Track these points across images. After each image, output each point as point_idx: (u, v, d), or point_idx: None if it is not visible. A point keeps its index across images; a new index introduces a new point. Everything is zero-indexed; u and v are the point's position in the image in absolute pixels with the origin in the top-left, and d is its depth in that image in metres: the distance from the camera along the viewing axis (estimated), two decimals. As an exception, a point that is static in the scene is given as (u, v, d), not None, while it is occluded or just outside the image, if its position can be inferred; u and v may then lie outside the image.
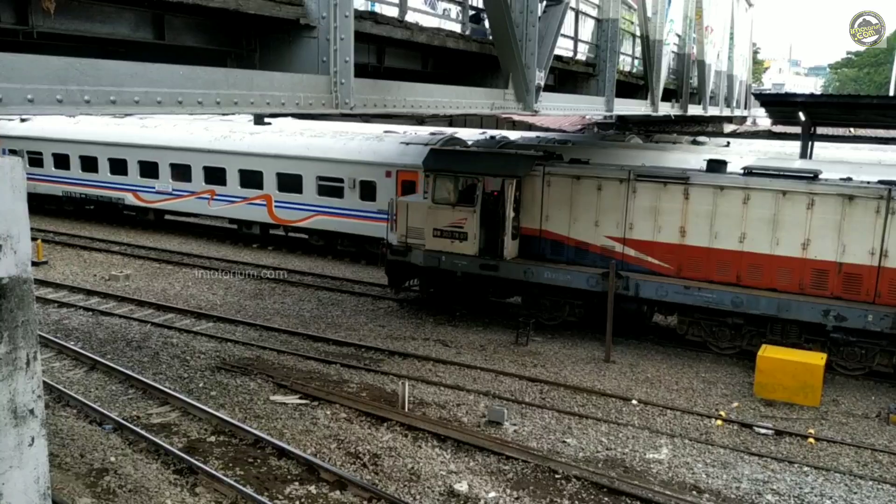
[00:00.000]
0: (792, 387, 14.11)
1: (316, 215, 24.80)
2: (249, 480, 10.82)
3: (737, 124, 36.39)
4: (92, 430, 12.34)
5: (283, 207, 25.32)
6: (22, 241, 5.85)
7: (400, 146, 23.76)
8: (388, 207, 19.62)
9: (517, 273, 17.56)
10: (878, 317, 14.64)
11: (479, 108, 11.71)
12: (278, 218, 25.61)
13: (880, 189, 14.91)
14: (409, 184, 22.70)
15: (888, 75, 56.72)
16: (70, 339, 16.59)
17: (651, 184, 16.64)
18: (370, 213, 23.56)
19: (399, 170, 22.99)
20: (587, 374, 15.49)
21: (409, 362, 15.93)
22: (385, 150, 23.84)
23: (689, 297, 16.12)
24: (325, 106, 7.77)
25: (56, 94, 5.38)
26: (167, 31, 7.32)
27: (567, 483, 11.02)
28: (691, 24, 22.92)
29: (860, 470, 11.79)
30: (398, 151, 23.54)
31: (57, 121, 28.96)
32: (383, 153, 23.70)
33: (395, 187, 22.96)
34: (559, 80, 16.16)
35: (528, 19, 11.44)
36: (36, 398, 6.08)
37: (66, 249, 25.89)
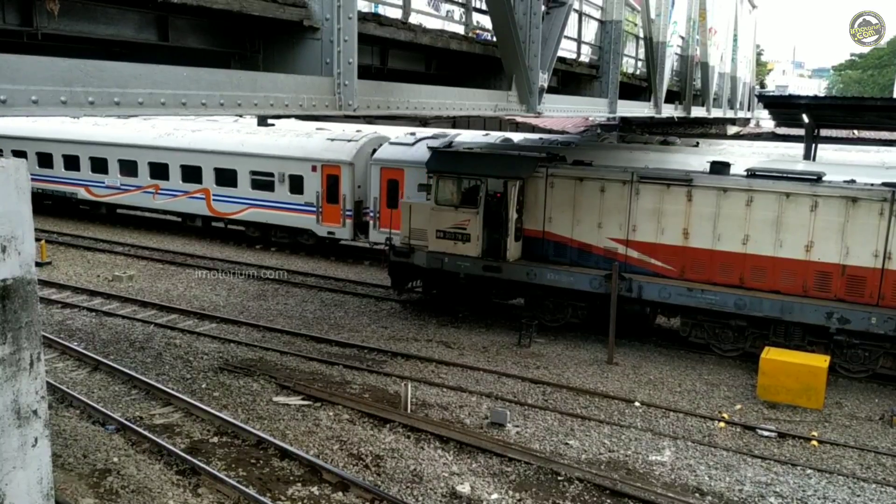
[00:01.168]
0: (795, 389, 14.09)
1: (250, 208, 26.34)
2: (252, 481, 10.83)
3: (740, 126, 36.35)
4: (95, 430, 12.36)
5: (221, 201, 26.85)
6: (26, 243, 5.87)
7: (326, 142, 25.29)
8: (315, 200, 22.30)
9: (520, 274, 17.56)
10: (882, 319, 14.62)
11: (482, 110, 11.70)
12: (216, 211, 27.12)
13: (884, 191, 14.88)
14: (334, 178, 24.42)
15: (892, 77, 56.69)
16: (73, 340, 16.62)
17: (654, 185, 16.64)
18: (298, 205, 25.22)
19: (324, 164, 24.60)
20: (590, 376, 15.48)
21: (411, 364, 15.93)
22: (312, 146, 25.36)
23: (692, 299, 16.10)
24: (329, 108, 7.77)
25: (60, 95, 5.38)
26: (171, 32, 7.32)
27: (569, 485, 11.01)
28: (695, 25, 22.90)
29: (863, 473, 11.77)
30: (323, 147, 25.08)
31: (15, 119, 29.41)
32: (310, 149, 25.22)
33: (321, 181, 24.64)
34: (562, 82, 16.15)
35: (532, 21, 11.43)
36: (39, 399, 6.10)
37: (70, 250, 25.95)
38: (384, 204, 23.76)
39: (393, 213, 22.67)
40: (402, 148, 23.88)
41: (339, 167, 24.38)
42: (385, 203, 23.72)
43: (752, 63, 38.67)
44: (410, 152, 23.51)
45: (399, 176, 23.43)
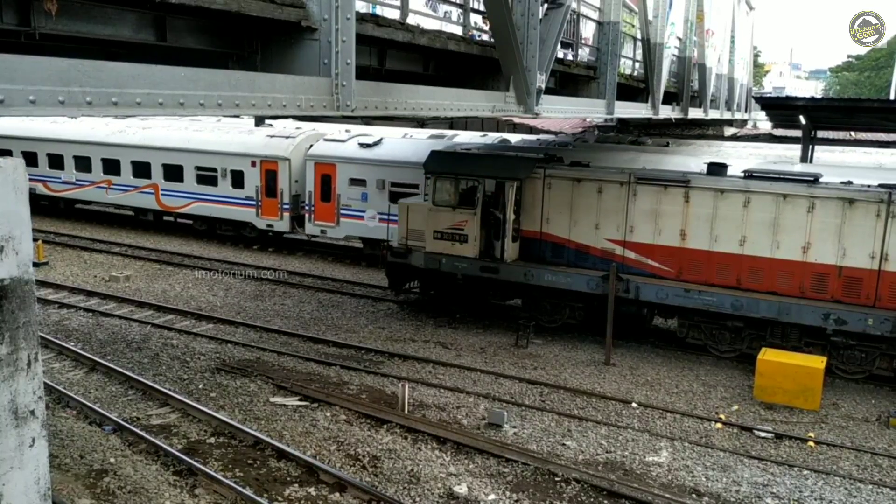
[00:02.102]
0: (792, 390, 14.11)
1: (196, 202, 27.42)
2: (249, 482, 10.82)
3: (737, 127, 36.41)
4: (92, 431, 12.35)
5: (169, 195, 27.92)
6: (24, 243, 5.87)
7: (265, 139, 26.31)
8: (255, 194, 24.62)
9: (517, 275, 17.57)
10: (879, 320, 14.65)
11: (480, 111, 11.71)
12: (164, 205, 28.18)
13: (880, 193, 14.91)
14: (272, 173, 25.44)
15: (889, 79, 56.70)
16: (70, 340, 16.60)
17: (651, 187, 16.65)
18: (240, 199, 26.46)
19: (262, 160, 25.70)
20: (587, 377, 15.49)
21: (409, 364, 15.93)
22: (252, 142, 26.43)
23: (690, 300, 16.12)
24: (327, 108, 7.78)
25: (58, 95, 5.38)
26: (169, 32, 7.32)
27: (567, 485, 11.02)
28: (692, 27, 22.93)
29: (860, 473, 11.79)
30: (262, 144, 26.11)
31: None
32: (250, 145, 26.28)
33: (260, 176, 25.73)
34: (560, 83, 16.17)
35: (530, 22, 11.45)
36: (37, 399, 6.09)
37: (67, 250, 25.91)
38: (318, 198, 24.88)
39: (326, 207, 24.67)
40: (335, 144, 25.05)
41: (276, 163, 25.38)
42: (319, 197, 24.87)
43: (749, 64, 38.76)
44: (342, 148, 24.68)
45: (332, 171, 24.53)
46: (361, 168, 24.09)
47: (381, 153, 24.11)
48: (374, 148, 24.35)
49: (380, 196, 23.66)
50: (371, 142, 24.58)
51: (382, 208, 22.64)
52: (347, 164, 24.14)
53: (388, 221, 21.40)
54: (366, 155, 24.20)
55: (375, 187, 23.84)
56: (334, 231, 25.00)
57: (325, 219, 24.88)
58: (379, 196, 23.68)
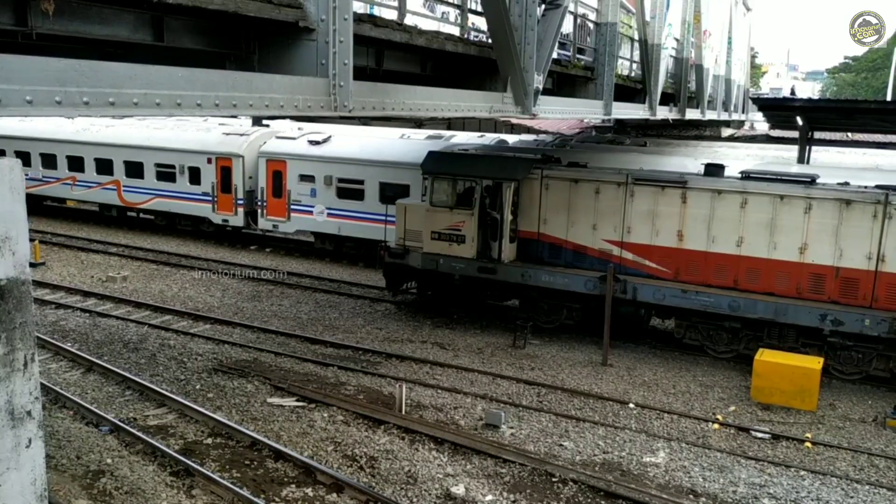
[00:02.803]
0: (789, 391, 14.13)
1: (156, 198, 28.34)
2: (246, 483, 10.81)
3: (735, 128, 36.42)
4: (88, 431, 12.33)
5: (130, 191, 28.93)
6: (20, 243, 5.86)
7: (221, 136, 27.10)
8: (211, 190, 25.84)
9: (515, 276, 17.57)
10: (875, 321, 14.67)
11: (477, 112, 11.71)
12: (126, 201, 29.18)
13: (877, 194, 14.94)
14: (227, 170, 26.29)
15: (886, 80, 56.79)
16: (67, 341, 16.57)
17: (649, 187, 16.67)
18: (197, 195, 27.31)
19: (218, 157, 26.51)
20: (584, 378, 15.50)
21: (406, 365, 15.93)
22: (208, 139, 27.19)
23: (687, 301, 16.13)
24: (324, 108, 7.78)
25: (55, 95, 5.37)
26: (166, 33, 7.31)
27: (564, 486, 11.02)
28: (689, 28, 22.93)
29: (857, 474, 11.81)
30: (218, 141, 26.94)
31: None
32: (206, 142, 27.07)
33: (216, 173, 26.51)
34: (558, 84, 16.18)
35: (527, 23, 11.45)
36: (33, 400, 6.08)
37: (64, 250, 25.88)
38: (270, 193, 25.69)
39: (278, 202, 25.49)
40: (286, 141, 25.88)
41: (230, 159, 26.23)
42: (271, 192, 25.68)
43: (746, 65, 38.75)
44: (293, 146, 25.50)
45: (282, 167, 25.37)
46: (310, 164, 24.92)
47: (329, 150, 24.96)
48: (322, 145, 25.19)
49: (327, 192, 24.66)
50: (320, 139, 25.40)
51: (330, 204, 24.35)
52: (297, 161, 25.03)
53: (336, 216, 24.01)
54: (314, 152, 25.02)
55: (323, 183, 24.72)
56: (285, 225, 25.81)
57: (277, 214, 25.72)
58: (327, 192, 24.69)
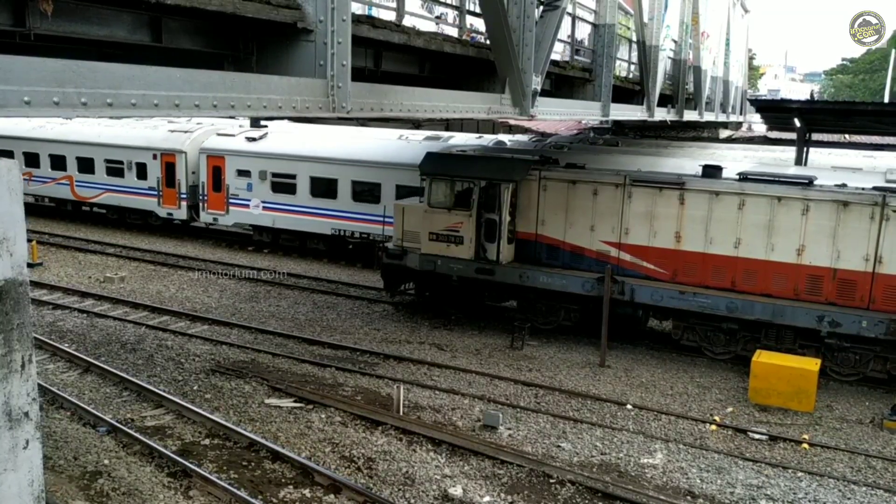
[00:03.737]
0: (786, 392, 14.14)
1: (106, 192, 29.58)
2: (244, 484, 10.81)
3: (732, 130, 36.47)
4: (86, 432, 12.31)
5: (82, 186, 30.05)
6: (18, 244, 5.85)
7: (166, 133, 28.26)
8: (157, 184, 27.32)
9: (513, 277, 17.57)
10: (873, 323, 14.68)
11: (475, 113, 11.71)
12: (79, 195, 30.31)
13: (875, 195, 14.96)
14: (171, 165, 27.59)
15: (883, 82, 56.89)
16: (64, 341, 16.55)
17: (647, 189, 16.68)
18: (143, 189, 28.55)
19: (162, 153, 27.80)
20: (582, 379, 15.50)
21: (404, 366, 15.92)
22: (154, 136, 28.40)
23: (685, 302, 16.15)
24: (322, 109, 7.77)
25: (53, 96, 5.37)
26: (164, 33, 7.30)
27: (561, 487, 11.03)
28: (688, 29, 22.95)
29: (854, 475, 11.82)
30: (163, 138, 28.16)
31: None
32: (152, 139, 28.32)
33: (161, 168, 27.82)
34: (556, 85, 16.18)
35: (525, 24, 11.44)
36: (31, 401, 6.07)
37: (61, 251, 25.85)
38: (210, 188, 26.95)
39: (217, 196, 26.78)
40: (225, 138, 27.09)
41: (174, 155, 27.51)
42: (211, 187, 26.94)
43: (744, 67, 38.79)
44: (231, 142, 26.75)
45: (221, 163, 26.63)
46: (247, 160, 26.19)
47: (264, 147, 26.17)
48: (258, 142, 26.38)
49: (263, 186, 25.93)
50: (257, 136, 26.57)
51: (265, 197, 25.74)
52: (235, 157, 26.33)
53: (271, 210, 25.50)
54: (251, 148, 26.26)
55: (259, 178, 25.96)
56: (224, 219, 27.02)
57: (217, 207, 26.99)
58: (262, 186, 25.95)
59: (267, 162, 25.77)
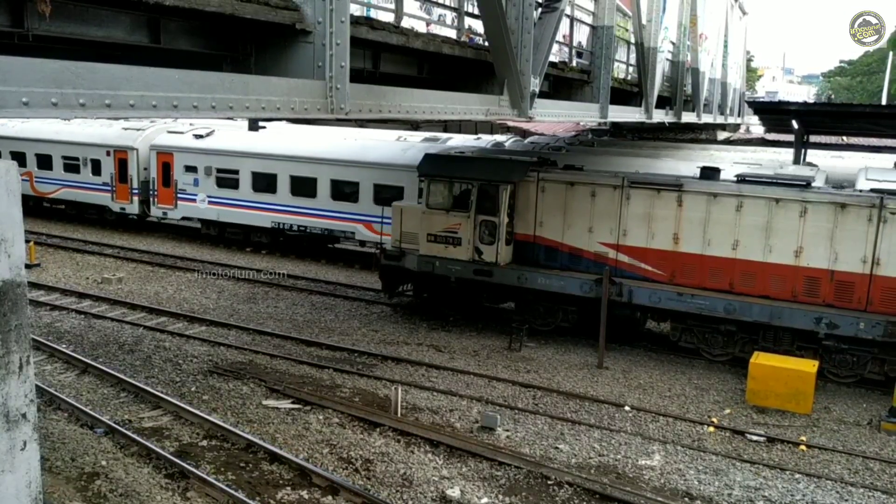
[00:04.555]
0: (784, 394, 14.15)
1: (63, 188, 30.55)
2: (241, 485, 10.79)
3: (730, 132, 36.50)
4: (83, 433, 12.30)
5: (41, 182, 30.97)
6: (16, 245, 5.84)
7: (119, 131, 29.04)
8: (110, 180, 28.71)
9: (511, 279, 17.57)
10: (870, 324, 14.70)
11: (474, 114, 11.72)
12: (38, 191, 31.03)
13: (872, 197, 14.98)
14: (124, 161, 28.57)
15: (881, 84, 56.99)
16: (62, 342, 16.53)
17: (645, 190, 16.69)
18: (98, 185, 29.51)
19: (115, 150, 28.76)
20: (580, 380, 15.50)
21: (402, 367, 15.92)
22: (108, 134, 29.18)
23: (682, 304, 16.16)
24: (321, 111, 7.77)
25: (51, 97, 5.36)
26: (163, 34, 7.30)
27: (559, 489, 11.03)
28: (686, 31, 22.98)
29: (851, 477, 11.83)
30: (116, 135, 28.99)
31: None
32: (106, 136, 29.13)
33: (114, 164, 28.84)
34: (554, 87, 16.19)
35: (524, 26, 11.45)
36: (28, 402, 6.06)
37: (59, 252, 25.81)
38: (160, 183, 28.12)
39: (167, 191, 27.93)
40: (174, 136, 28.18)
41: (126, 152, 28.49)
42: (161, 182, 28.12)
43: (742, 69, 38.82)
44: (180, 139, 27.86)
45: (170, 159, 27.76)
46: (194, 156, 27.30)
47: (210, 143, 27.27)
48: (205, 139, 27.48)
49: (208, 181, 27.06)
50: (204, 133, 27.67)
51: (211, 192, 26.94)
52: (183, 153, 27.47)
53: (216, 204, 26.77)
54: (198, 145, 27.37)
55: (204, 173, 27.10)
56: (173, 213, 28.17)
57: (166, 202, 28.09)
58: (207, 181, 27.08)
59: (212, 158, 26.95)
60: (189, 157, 27.33)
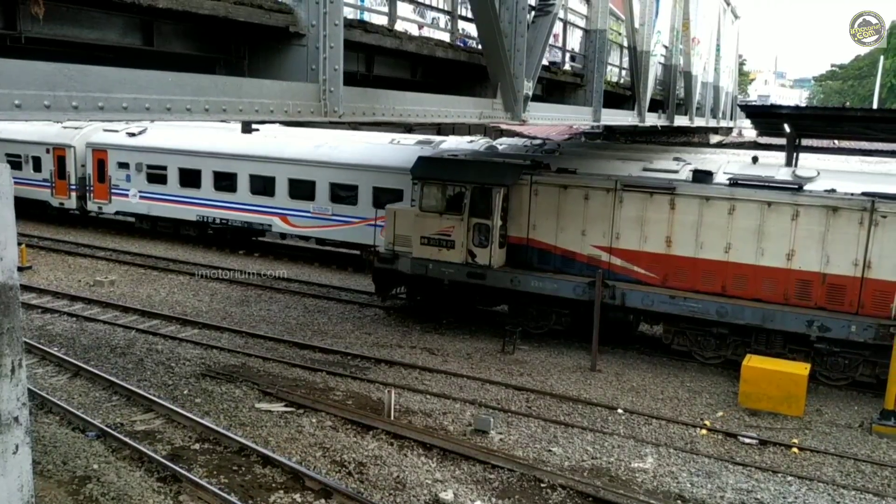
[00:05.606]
0: (776, 396, 14.20)
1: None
2: (234, 488, 10.76)
3: (723, 135, 36.59)
4: (75, 436, 12.25)
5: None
6: (8, 248, 5.83)
7: (59, 129, 29.70)
8: (49, 177, 29.89)
9: (504, 281, 17.59)
10: (862, 327, 14.77)
11: (467, 117, 11.72)
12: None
13: (864, 201, 15.05)
14: (62, 158, 29.69)
15: (872, 88, 57.31)
16: (53, 345, 16.46)
17: (637, 194, 16.74)
18: (38, 181, 30.45)
19: (54, 147, 29.85)
20: (573, 383, 15.52)
21: (395, 370, 15.91)
22: (48, 132, 29.90)
23: (675, 307, 16.20)
24: (314, 114, 7.76)
25: (44, 99, 5.34)
26: (156, 37, 7.28)
27: (552, 492, 11.03)
28: (678, 35, 23.02)
29: (843, 479, 11.87)
30: (55, 133, 29.77)
31: None
32: (45, 134, 29.89)
33: (53, 161, 29.89)
34: (547, 90, 16.20)
35: (517, 30, 11.47)
36: (21, 406, 6.04)
37: (51, 254, 25.73)
38: (96, 179, 29.44)
39: (101, 187, 29.25)
40: (109, 134, 29.23)
41: (64, 150, 29.62)
42: (96, 178, 29.44)
43: (734, 72, 38.92)
44: (114, 137, 29.04)
45: (105, 156, 29.10)
46: (126, 153, 28.73)
47: (141, 141, 28.56)
48: (137, 137, 28.70)
49: (139, 177, 28.45)
50: (136, 131, 28.75)
51: (142, 188, 28.32)
52: (116, 151, 28.86)
53: (147, 199, 28.15)
54: (130, 142, 28.66)
55: (136, 170, 28.53)
56: (108, 207, 29.48)
57: (101, 197, 29.46)
58: (139, 177, 28.47)
59: (143, 155, 28.37)
60: (122, 155, 28.76)
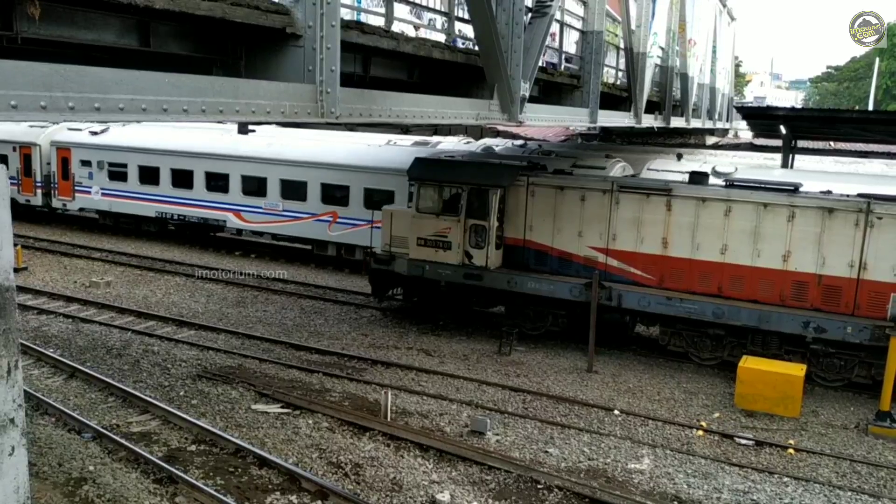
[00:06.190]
0: (772, 398, 14.22)
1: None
2: (230, 490, 10.74)
3: (719, 137, 36.67)
4: (71, 438, 12.22)
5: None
6: (4, 249, 5.82)
7: (25, 128, 29.91)
8: (16, 174, 30.04)
9: (501, 283, 17.59)
10: (857, 329, 14.79)
11: (464, 119, 11.74)
12: None
13: (859, 202, 15.09)
14: (28, 157, 30.33)
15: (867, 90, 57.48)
16: (49, 347, 16.42)
17: (634, 195, 16.75)
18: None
19: (20, 146, 30.40)
20: (570, 384, 15.53)
21: (391, 371, 15.90)
22: (15, 130, 30.10)
23: (672, 308, 16.21)
24: (311, 115, 7.76)
25: (40, 100, 5.34)
26: (153, 38, 7.28)
27: (549, 493, 11.03)
28: (674, 37, 23.08)
29: (839, 480, 11.89)
30: (22, 132, 30.09)
31: None
32: (12, 133, 30.18)
33: (20, 159, 30.49)
34: (544, 91, 16.23)
35: (514, 31, 11.49)
36: (17, 407, 6.03)
37: (47, 256, 25.67)
38: (60, 176, 30.21)
39: (65, 184, 29.98)
40: (73, 132, 29.84)
41: (30, 148, 30.22)
42: (60, 176, 30.22)
43: (730, 74, 39.00)
44: (77, 136, 29.74)
45: (68, 154, 29.81)
46: (88, 152, 29.41)
47: (103, 139, 29.23)
48: (99, 135, 29.38)
49: (101, 174, 29.19)
50: (99, 130, 29.41)
51: (103, 185, 29.09)
52: (80, 149, 29.53)
53: (108, 196, 28.99)
54: (92, 141, 29.37)
55: (98, 167, 29.24)
56: (72, 204, 30.25)
57: (65, 194, 30.17)
58: (101, 174, 29.21)
59: (104, 153, 29.04)
60: (84, 153, 29.42)
